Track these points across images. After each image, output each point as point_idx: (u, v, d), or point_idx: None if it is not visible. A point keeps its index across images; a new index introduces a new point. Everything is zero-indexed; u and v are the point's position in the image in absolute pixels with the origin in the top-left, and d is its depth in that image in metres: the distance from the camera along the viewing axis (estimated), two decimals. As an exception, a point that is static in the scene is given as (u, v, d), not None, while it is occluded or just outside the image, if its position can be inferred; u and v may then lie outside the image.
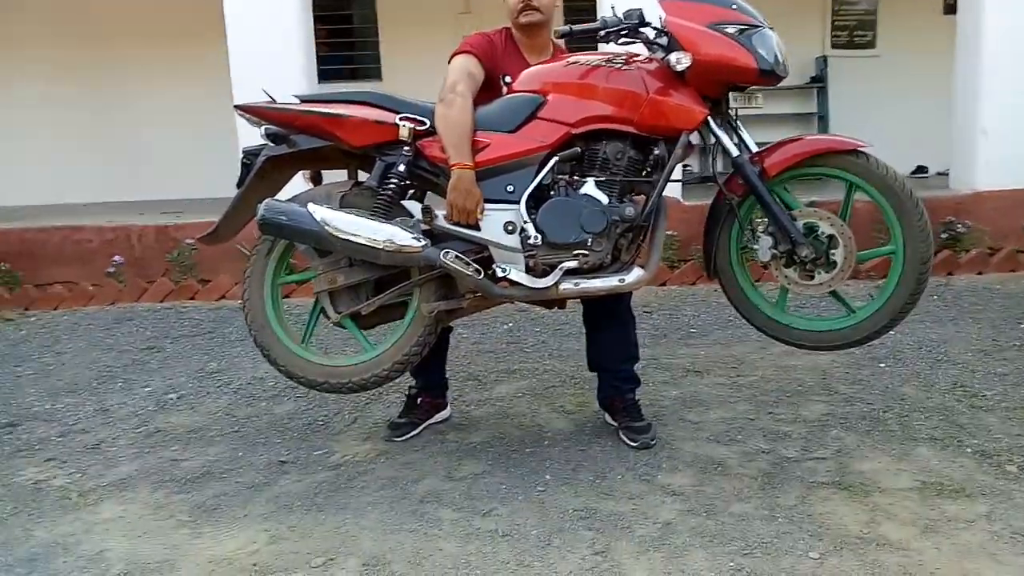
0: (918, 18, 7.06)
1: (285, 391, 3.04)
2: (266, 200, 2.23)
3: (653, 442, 2.43)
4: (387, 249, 2.16)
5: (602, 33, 2.18)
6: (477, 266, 2.20)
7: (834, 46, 7.30)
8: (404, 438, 2.56)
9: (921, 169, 6.76)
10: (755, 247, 2.23)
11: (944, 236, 4.92)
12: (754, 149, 2.27)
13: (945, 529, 1.89)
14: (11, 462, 2.54)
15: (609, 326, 2.52)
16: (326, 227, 2.17)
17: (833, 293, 2.24)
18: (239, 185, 2.38)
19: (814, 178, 2.24)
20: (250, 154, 2.37)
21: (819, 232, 2.17)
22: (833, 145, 2.15)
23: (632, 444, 2.43)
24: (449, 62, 2.38)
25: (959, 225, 4.91)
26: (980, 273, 4.74)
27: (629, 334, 2.55)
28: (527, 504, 2.10)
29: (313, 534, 2.00)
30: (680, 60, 2.12)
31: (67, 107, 7.38)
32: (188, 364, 3.49)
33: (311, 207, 2.21)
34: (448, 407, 2.73)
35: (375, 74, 7.67)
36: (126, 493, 2.28)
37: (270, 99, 2.35)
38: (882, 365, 3.09)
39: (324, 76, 7.44)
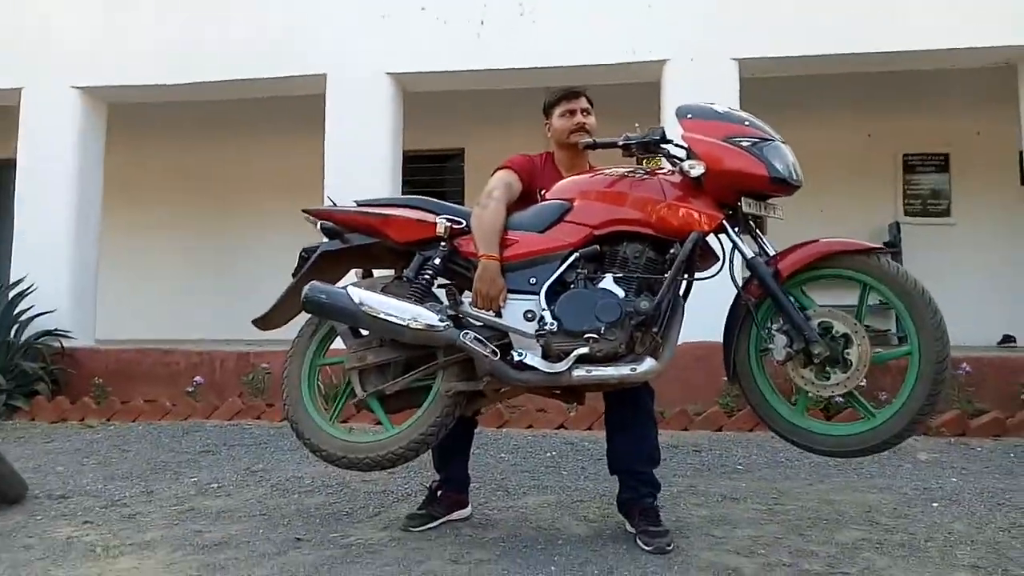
0: (993, 190, 7.08)
1: (319, 488, 3.12)
2: (311, 282, 2.47)
3: (669, 548, 2.35)
4: (412, 327, 2.33)
5: (623, 143, 2.41)
6: (494, 348, 2.32)
7: (907, 213, 7.35)
8: (419, 529, 2.57)
9: (1008, 339, 6.49)
10: (771, 346, 2.26)
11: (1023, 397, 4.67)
12: (771, 252, 2.37)
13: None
14: (53, 523, 2.69)
15: (629, 426, 2.53)
16: (360, 306, 2.37)
17: (850, 395, 2.21)
18: (295, 275, 2.64)
19: (829, 279, 2.29)
20: (308, 250, 2.65)
21: (834, 331, 2.19)
22: (847, 247, 2.22)
23: (647, 548, 2.35)
24: (492, 175, 2.65)
25: (1038, 386, 4.66)
26: (1062, 438, 4.41)
27: (649, 435, 2.55)
28: (525, 588, 2.06)
29: (308, 595, 2.02)
30: (694, 167, 2.31)
31: (189, 251, 8.18)
32: (236, 464, 3.63)
33: (350, 289, 2.43)
34: (469, 506, 2.74)
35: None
36: (146, 552, 2.37)
37: (332, 203, 2.67)
38: (935, 504, 2.90)
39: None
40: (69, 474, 3.45)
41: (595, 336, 2.27)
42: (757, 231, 2.41)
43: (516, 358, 2.32)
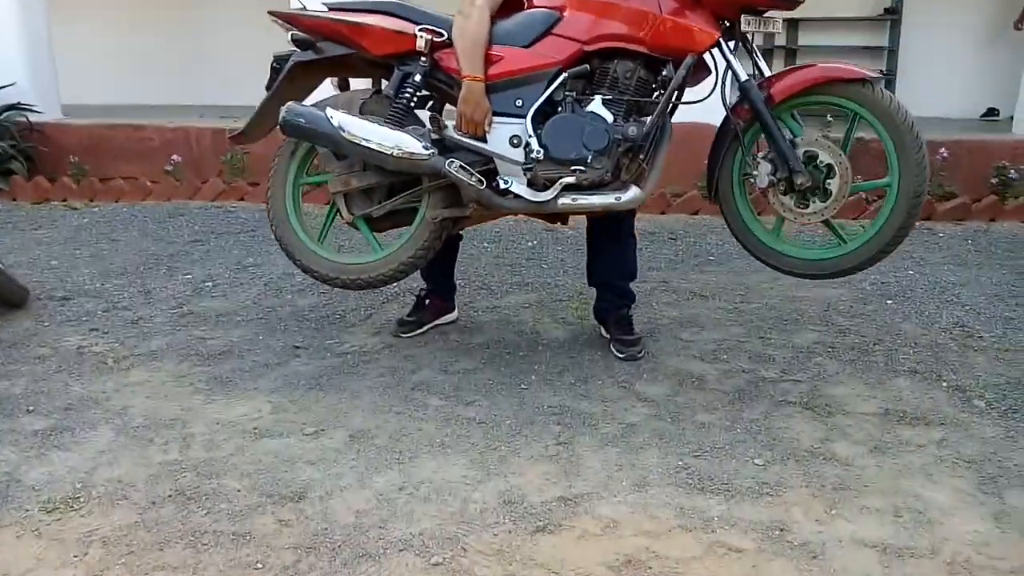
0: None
1: (310, 287, 3.25)
2: (289, 103, 2.38)
3: (640, 355, 2.56)
4: (395, 155, 2.30)
5: None
6: (480, 176, 2.32)
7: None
8: (410, 335, 2.75)
9: (992, 111, 6.43)
10: (755, 172, 2.28)
11: (994, 180, 4.77)
12: (767, 73, 2.30)
13: (893, 451, 1.98)
14: (60, 329, 2.84)
15: (609, 243, 2.62)
16: (341, 131, 2.31)
17: (827, 222, 2.28)
18: (268, 88, 2.52)
19: (821, 106, 2.25)
20: (280, 59, 2.50)
21: (818, 161, 2.20)
22: (841, 73, 2.15)
23: (619, 356, 2.56)
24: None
25: (1012, 171, 4.74)
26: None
27: (627, 252, 2.64)
28: (508, 398, 2.27)
29: (311, 408, 2.23)
30: None
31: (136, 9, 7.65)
32: (227, 257, 3.74)
33: (329, 111, 2.35)
34: (455, 311, 2.90)
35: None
36: (155, 363, 2.55)
37: (302, 7, 2.47)
38: (889, 302, 3.12)
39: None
40: (65, 270, 3.55)
41: (582, 165, 2.26)
42: (753, 47, 2.31)
43: (502, 185, 2.33)
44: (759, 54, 2.32)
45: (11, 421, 2.17)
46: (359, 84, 2.66)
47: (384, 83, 2.57)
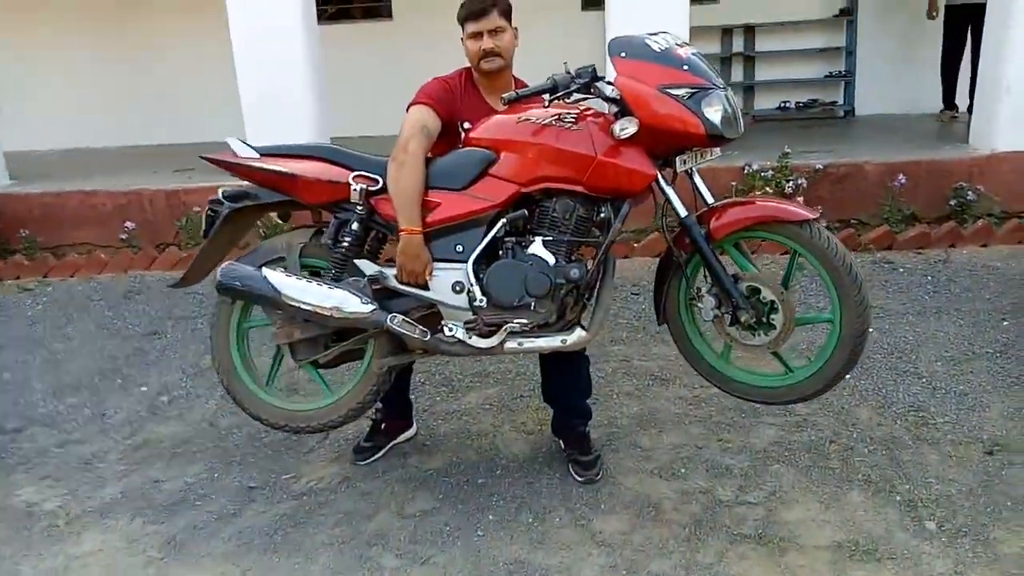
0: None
1: (267, 396, 3.21)
2: (224, 265, 2.33)
3: (598, 477, 2.55)
4: (335, 316, 2.26)
5: (549, 98, 2.15)
6: (423, 328, 2.28)
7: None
8: (367, 462, 2.73)
9: (951, 106, 6.40)
10: (699, 306, 2.26)
11: (952, 203, 4.79)
12: (710, 201, 2.27)
13: (844, 603, 2.00)
14: (11, 478, 2.79)
15: (561, 366, 2.60)
16: (278, 294, 2.27)
17: (774, 353, 2.27)
18: (205, 235, 2.46)
19: (762, 239, 2.23)
20: (214, 207, 2.44)
21: (761, 296, 2.19)
22: (780, 214, 2.12)
23: (578, 479, 2.55)
24: (407, 110, 2.37)
25: (969, 192, 4.76)
26: (984, 245, 4.63)
27: (580, 373, 2.62)
28: (464, 553, 2.26)
29: (265, 581, 2.21)
30: (624, 129, 2.10)
31: (82, 52, 7.48)
32: (184, 357, 3.68)
33: (266, 272, 2.30)
34: (413, 425, 2.88)
35: (386, 12, 7.49)
36: (107, 521, 2.51)
37: (232, 152, 2.40)
38: (848, 378, 3.12)
39: (331, 16, 7.32)
40: (18, 387, 3.49)
41: (525, 311, 2.23)
42: (694, 176, 2.28)
43: (447, 333, 2.29)
44: (699, 184, 2.28)
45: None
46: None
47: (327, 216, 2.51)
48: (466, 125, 2.38)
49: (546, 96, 2.18)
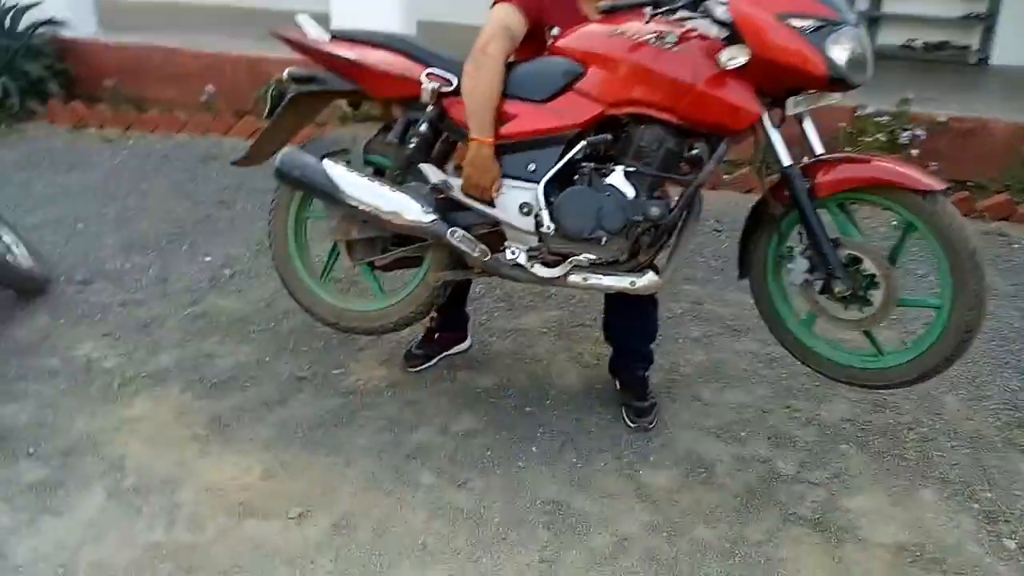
0: None
1: (327, 285, 3.16)
2: (285, 149, 2.20)
3: (651, 426, 2.42)
4: (395, 221, 2.12)
5: (651, 12, 1.89)
6: (484, 247, 2.14)
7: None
8: (416, 369, 2.66)
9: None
10: (789, 266, 2.04)
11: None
12: (819, 151, 2.00)
13: (898, 610, 1.86)
14: (75, 330, 2.84)
15: (626, 306, 2.42)
16: (338, 190, 2.14)
17: (865, 332, 2.05)
18: (268, 116, 2.33)
19: (872, 204, 1.96)
20: (280, 87, 2.30)
21: (862, 268, 1.95)
22: (904, 180, 1.85)
23: (630, 425, 2.43)
24: (491, 7, 2.14)
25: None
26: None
27: (647, 316, 2.45)
28: (502, 481, 2.19)
29: (302, 477, 2.19)
30: (733, 58, 1.84)
31: None
32: (250, 231, 3.63)
33: (327, 165, 2.17)
34: (468, 338, 2.78)
35: None
36: (159, 389, 2.53)
37: (302, 32, 2.24)
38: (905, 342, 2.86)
39: None
40: (89, 239, 3.53)
41: (595, 245, 2.06)
42: (805, 121, 2.00)
43: (509, 256, 2.14)
44: (808, 130, 2.01)
45: (11, 467, 2.20)
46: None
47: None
48: (555, 31, 2.14)
49: (647, 10, 1.92)
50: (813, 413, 2.56)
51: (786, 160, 1.95)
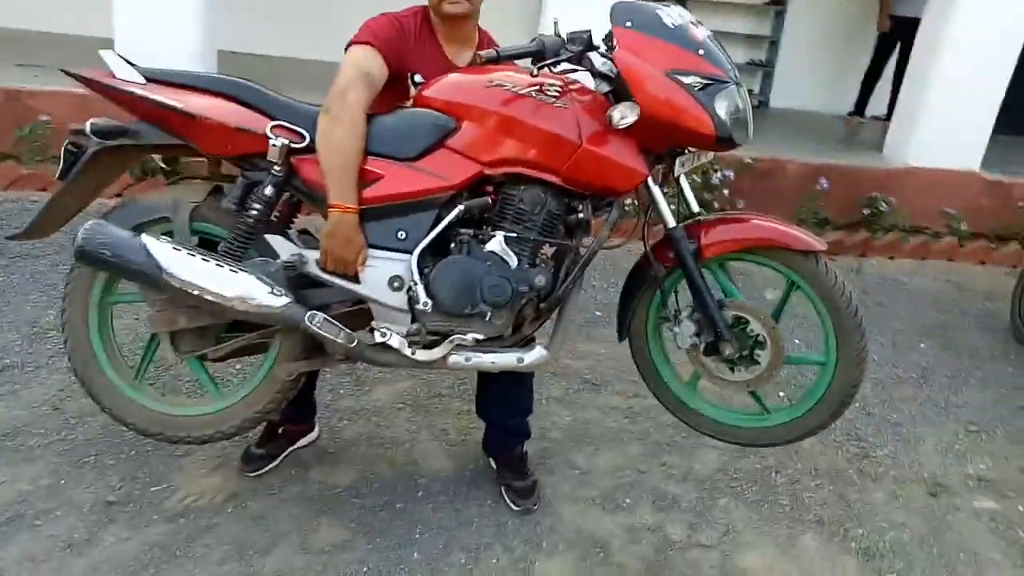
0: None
1: (130, 375, 2.64)
2: (90, 224, 1.76)
3: (535, 507, 2.24)
4: (237, 307, 1.76)
5: (538, 65, 1.74)
6: (348, 331, 1.84)
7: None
8: (258, 473, 2.26)
9: (859, 113, 6.44)
10: (675, 330, 1.96)
11: (866, 212, 4.80)
12: (695, 210, 1.96)
13: None
14: None
15: (505, 379, 2.22)
16: (163, 272, 1.74)
17: (751, 391, 2.02)
18: (61, 177, 1.87)
19: (754, 264, 1.95)
20: (76, 143, 1.85)
21: (748, 328, 1.91)
22: (788, 240, 1.84)
23: (514, 508, 2.23)
24: (346, 49, 1.87)
25: (883, 203, 4.78)
26: (892, 257, 4.68)
27: (525, 387, 2.28)
28: (385, 605, 1.89)
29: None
30: (625, 117, 1.73)
31: None
32: (19, 312, 2.97)
33: (146, 241, 1.76)
34: (315, 428, 2.43)
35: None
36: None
37: (108, 71, 1.82)
38: (781, 394, 2.98)
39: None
40: None
41: (478, 321, 1.84)
42: (681, 182, 1.95)
43: (378, 338, 1.86)
44: (685, 189, 1.96)
45: None
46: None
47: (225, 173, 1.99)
48: (417, 78, 1.93)
49: (528, 64, 1.78)
50: (687, 467, 2.52)
51: (671, 222, 1.87)
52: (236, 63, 5.14)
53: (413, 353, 1.86)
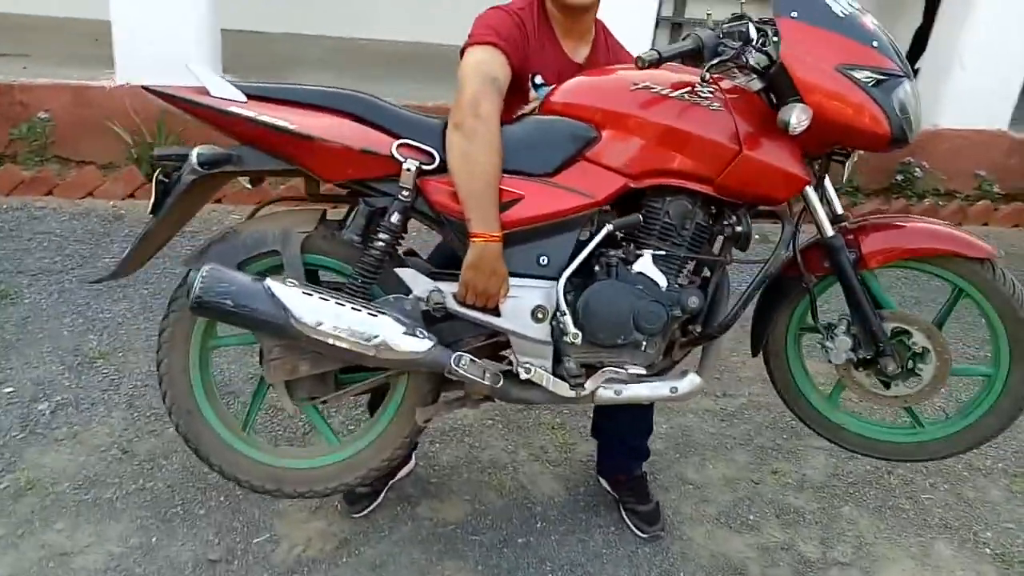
0: None
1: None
2: (206, 269, 1.54)
3: (663, 532, 2.12)
4: (379, 355, 1.57)
5: (706, 66, 1.56)
6: (495, 371, 1.67)
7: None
8: (363, 513, 2.10)
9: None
10: (828, 345, 1.82)
11: (899, 178, 4.72)
12: (839, 211, 1.81)
13: None
14: None
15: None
16: (292, 320, 1.53)
17: (907, 408, 1.91)
18: (153, 211, 1.64)
19: (918, 272, 1.81)
20: (166, 169, 1.62)
21: (911, 341, 1.79)
22: (961, 248, 1.71)
23: (641, 535, 2.10)
24: (462, 54, 1.67)
25: (916, 168, 4.70)
26: (929, 225, 4.61)
27: (648, 405, 2.13)
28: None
29: None
30: (802, 121, 1.56)
31: None
32: (58, 336, 2.72)
33: (271, 285, 1.55)
34: (412, 457, 2.26)
35: None
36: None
37: (200, 87, 1.58)
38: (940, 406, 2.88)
39: None
40: None
41: (631, 351, 1.69)
42: (826, 182, 1.80)
43: (523, 375, 1.70)
44: (830, 192, 1.81)
45: None
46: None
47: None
48: (538, 79, 1.74)
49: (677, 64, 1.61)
50: (800, 474, 2.42)
51: (829, 230, 1.72)
52: (240, 42, 4.82)
53: (572, 389, 1.69)
